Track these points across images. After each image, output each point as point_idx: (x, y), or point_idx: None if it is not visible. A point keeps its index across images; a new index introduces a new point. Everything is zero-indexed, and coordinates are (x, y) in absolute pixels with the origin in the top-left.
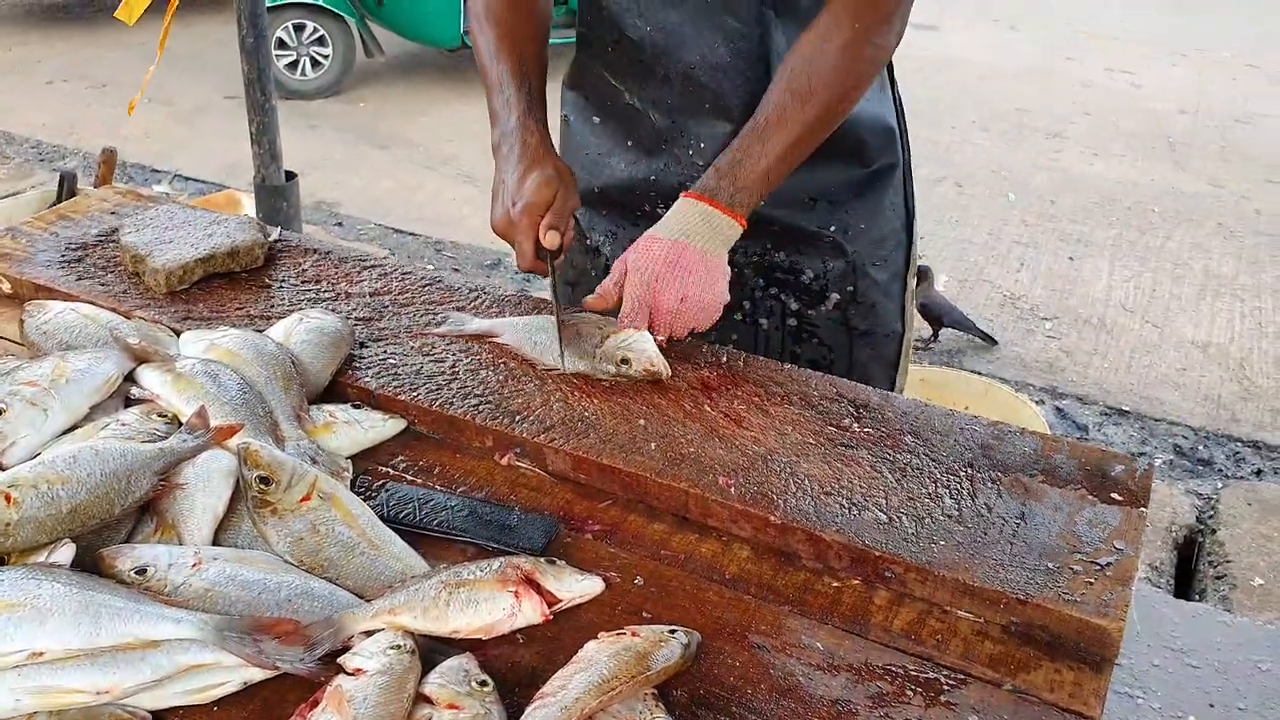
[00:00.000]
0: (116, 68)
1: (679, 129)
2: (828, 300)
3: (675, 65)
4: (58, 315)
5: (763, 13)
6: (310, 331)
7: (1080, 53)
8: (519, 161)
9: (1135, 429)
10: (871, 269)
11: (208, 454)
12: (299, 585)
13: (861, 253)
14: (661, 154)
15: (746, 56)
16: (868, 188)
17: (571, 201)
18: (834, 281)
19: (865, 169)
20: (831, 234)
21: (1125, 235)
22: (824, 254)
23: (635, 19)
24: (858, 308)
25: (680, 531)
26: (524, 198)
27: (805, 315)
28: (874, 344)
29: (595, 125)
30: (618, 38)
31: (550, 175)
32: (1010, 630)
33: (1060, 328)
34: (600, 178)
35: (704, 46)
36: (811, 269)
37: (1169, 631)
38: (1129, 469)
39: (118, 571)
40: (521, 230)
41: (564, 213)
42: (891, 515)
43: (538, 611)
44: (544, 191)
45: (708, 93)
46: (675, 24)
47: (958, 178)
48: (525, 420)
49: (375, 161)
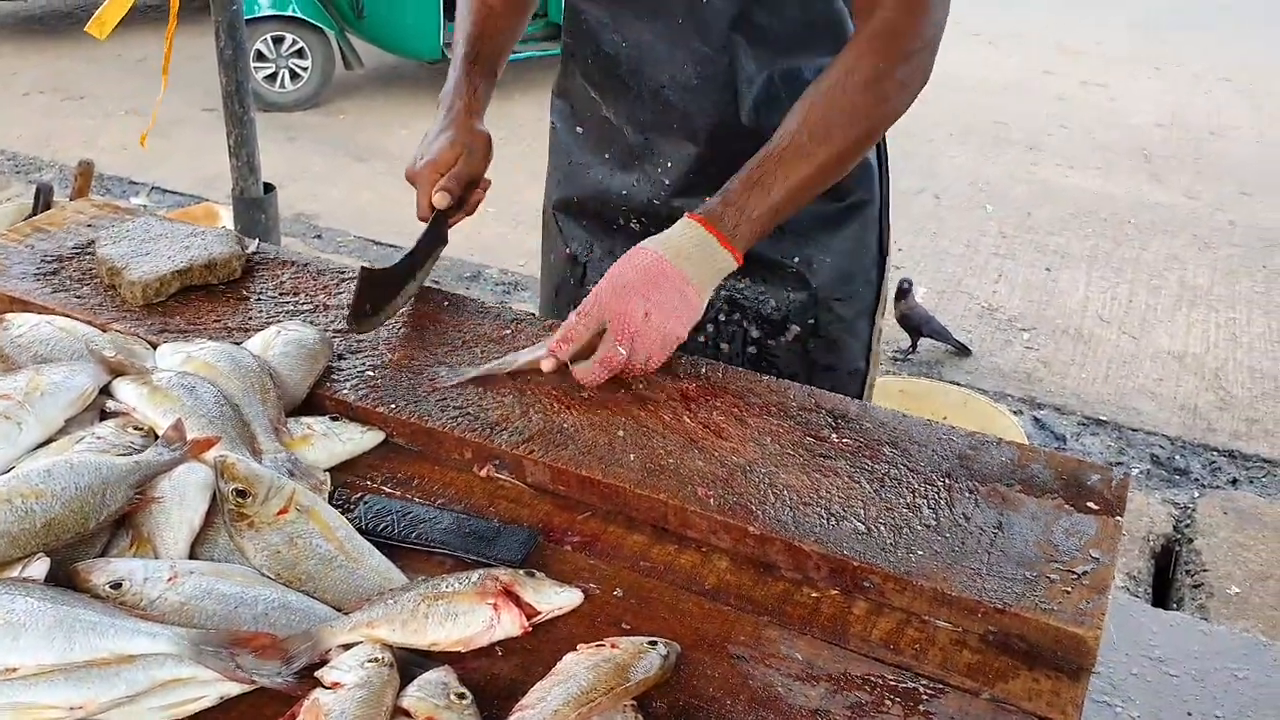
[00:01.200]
0: (93, 80)
1: (650, 146)
2: (788, 331)
3: (647, 83)
4: (32, 328)
5: (731, 38)
6: (288, 344)
7: (1056, 66)
8: (442, 120)
9: (1113, 439)
10: (835, 304)
11: (184, 467)
12: (276, 599)
13: (826, 287)
14: (633, 169)
15: (713, 80)
16: (838, 222)
17: (472, 168)
18: (795, 313)
19: (837, 203)
20: (795, 265)
21: (1102, 246)
22: (787, 285)
23: (611, 34)
24: (819, 341)
25: (659, 542)
26: (429, 154)
27: (765, 345)
28: (835, 380)
29: (577, 135)
30: (596, 51)
31: (460, 139)
32: (988, 639)
33: (1038, 338)
34: (579, 187)
35: (674, 67)
36: (774, 299)
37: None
38: (1105, 479)
39: (92, 586)
40: (422, 183)
41: (461, 177)
42: (870, 525)
43: (516, 624)
44: (448, 153)
45: (676, 112)
46: (648, 42)
47: (936, 189)
48: (504, 432)
49: (355, 173)
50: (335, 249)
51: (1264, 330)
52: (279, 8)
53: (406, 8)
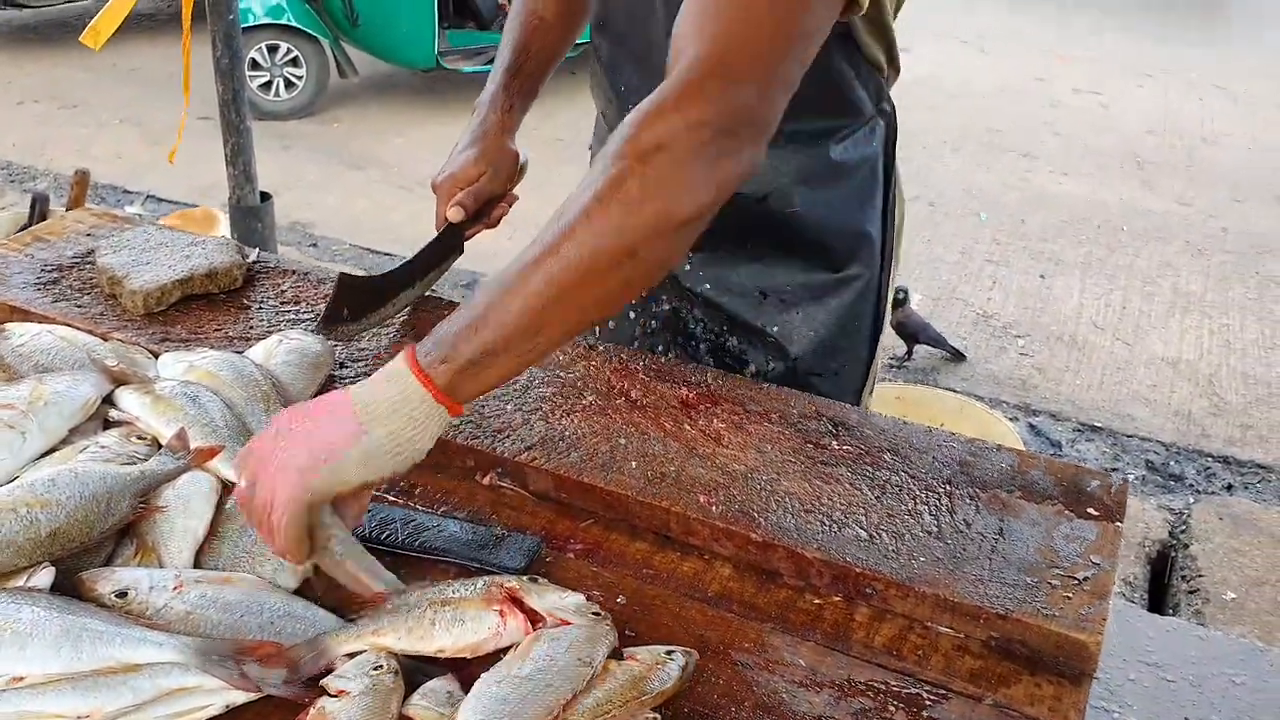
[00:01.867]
0: (87, 89)
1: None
2: None
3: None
4: (33, 338)
5: None
6: (290, 353)
7: (1049, 73)
8: (470, 134)
9: (1108, 445)
10: (814, 379)
11: (188, 476)
12: (281, 607)
13: (805, 359)
14: None
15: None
16: (829, 293)
17: (494, 186)
18: (774, 381)
19: (832, 273)
20: (774, 335)
21: (1095, 253)
22: (767, 352)
23: (617, 75)
24: None
25: (662, 550)
26: (452, 167)
27: None
28: None
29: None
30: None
31: (485, 156)
32: (990, 645)
33: (1032, 345)
34: None
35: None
36: (754, 363)
37: (1144, 646)
38: (1104, 484)
39: (98, 595)
40: (439, 194)
41: (480, 194)
42: (872, 532)
43: (522, 630)
44: (471, 169)
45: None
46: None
47: (930, 197)
48: (506, 439)
49: (350, 182)
50: (331, 257)
51: (1257, 336)
52: (274, 16)
53: (401, 16)
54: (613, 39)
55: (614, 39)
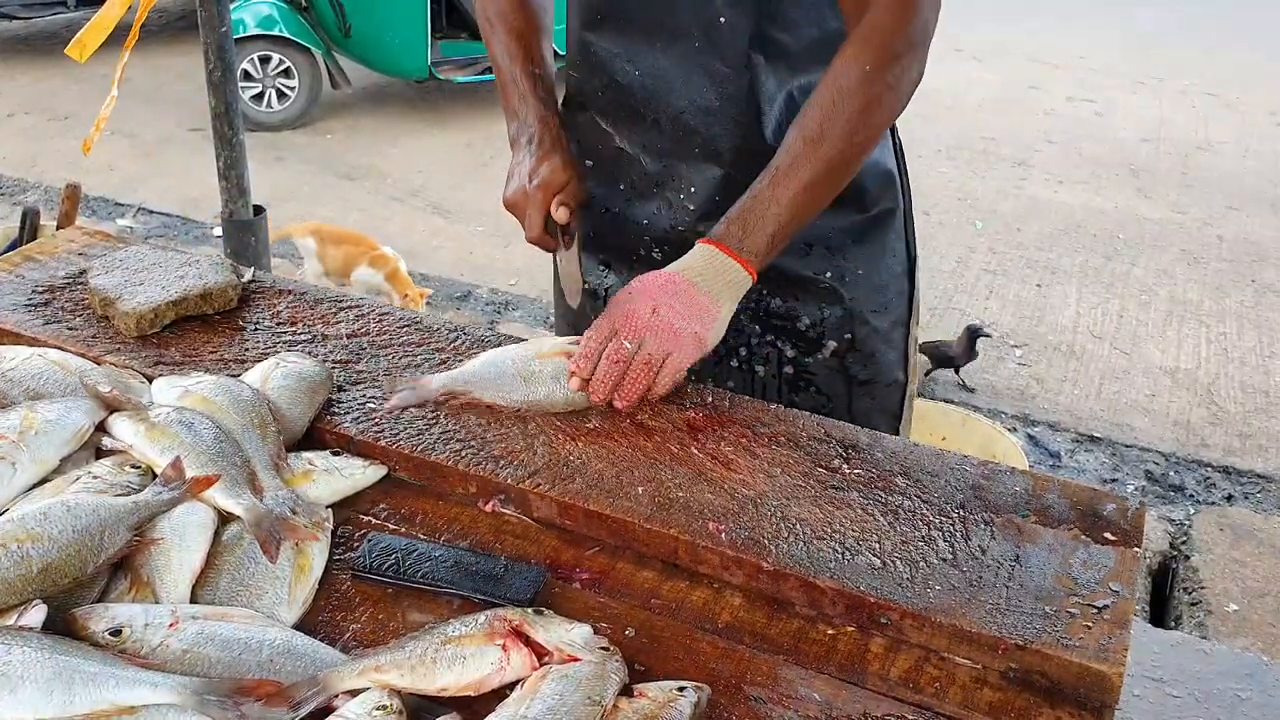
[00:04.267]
0: (79, 100)
1: (670, 172)
2: (824, 348)
3: (665, 110)
4: (24, 361)
5: (750, 57)
6: (288, 377)
7: (1042, 82)
8: (539, 148)
9: (1107, 455)
10: (871, 316)
11: (183, 507)
12: (281, 643)
13: (860, 299)
14: (654, 197)
15: (735, 100)
16: (866, 233)
17: (582, 189)
18: (831, 329)
19: (863, 214)
20: (828, 280)
21: (1091, 262)
22: (820, 300)
23: (625, 64)
24: (856, 355)
25: (670, 579)
26: (540, 176)
27: (802, 363)
28: (874, 393)
29: (587, 169)
30: (607, 83)
31: (567, 163)
32: (1009, 676)
33: (1030, 355)
34: (594, 221)
35: (693, 91)
36: (808, 316)
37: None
38: (1120, 508)
39: (91, 633)
40: (534, 203)
41: (574, 194)
42: (885, 559)
43: (527, 665)
44: (560, 174)
45: (697, 136)
46: (664, 69)
47: (925, 205)
48: (509, 465)
49: (344, 193)
50: None
51: (1255, 344)
52: (265, 27)
53: (394, 27)
54: (621, 29)
55: (622, 28)
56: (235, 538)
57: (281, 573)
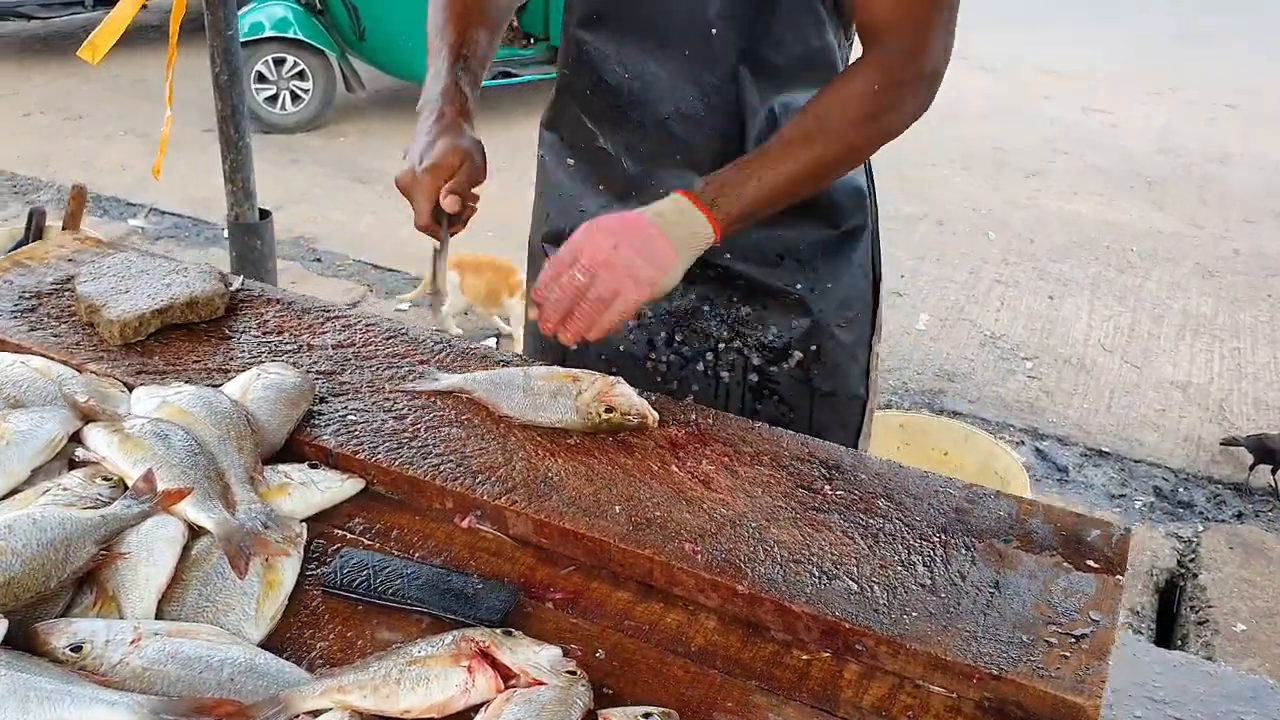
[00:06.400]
0: (93, 100)
1: (649, 176)
2: (790, 358)
3: (650, 114)
4: (7, 369)
5: (738, 69)
6: (268, 388)
7: (1056, 92)
8: (434, 126)
9: (1115, 470)
10: (837, 330)
11: (152, 521)
12: (243, 661)
13: (827, 312)
14: (630, 200)
15: (719, 110)
16: (836, 248)
17: (476, 174)
18: (798, 340)
19: (835, 230)
20: (798, 292)
21: (1104, 274)
22: (789, 312)
23: (615, 65)
24: (820, 368)
25: (645, 600)
26: (430, 159)
27: (767, 372)
28: (836, 407)
29: (569, 166)
30: (596, 82)
31: (460, 144)
32: (984, 706)
33: (1040, 367)
34: (572, 219)
35: (679, 98)
36: (776, 326)
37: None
38: (1105, 534)
39: (52, 648)
40: (422, 189)
41: (466, 181)
42: (863, 584)
43: (492, 687)
44: (451, 157)
45: (680, 144)
46: (653, 73)
47: (938, 216)
48: (487, 481)
49: (356, 196)
50: (334, 272)
51: (1269, 360)
52: (280, 29)
53: (408, 30)
54: (615, 30)
55: (616, 30)
56: (205, 552)
57: (250, 588)
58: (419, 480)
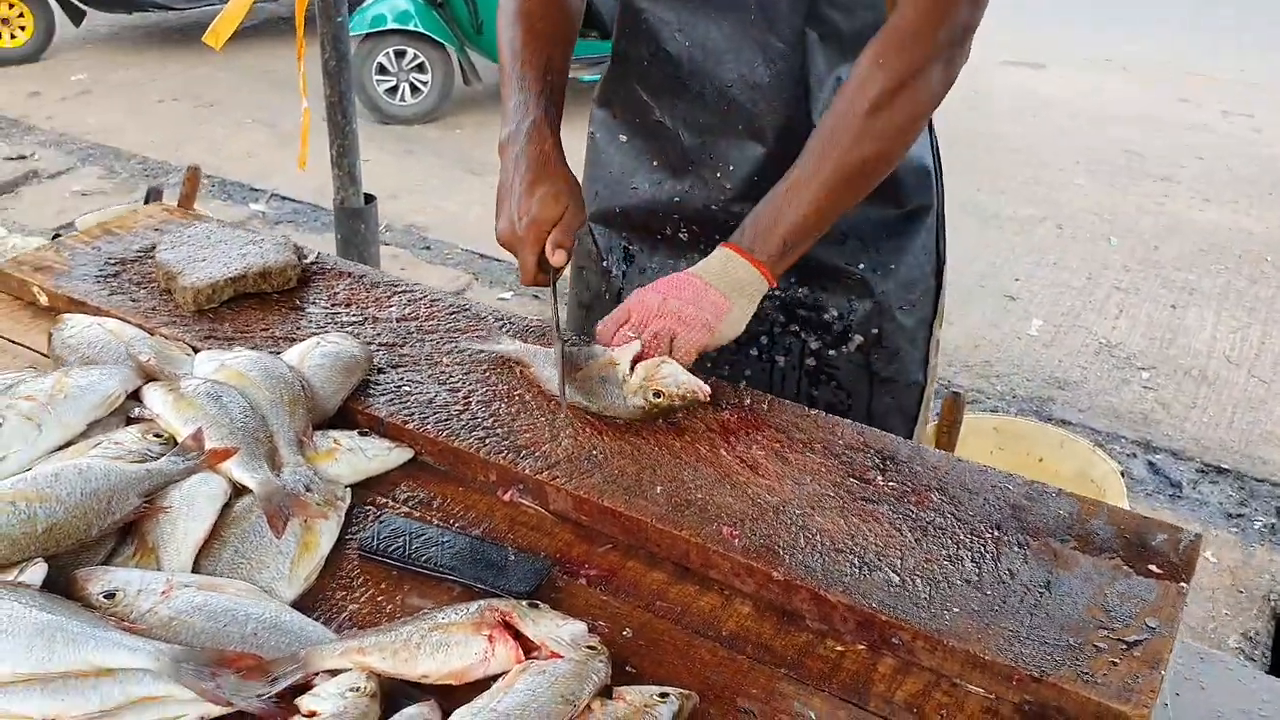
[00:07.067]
0: (225, 89)
1: (708, 149)
2: (850, 342)
3: (712, 82)
4: (84, 330)
5: (805, 33)
6: (325, 356)
7: (1195, 95)
8: (528, 170)
9: (1234, 488)
10: (899, 312)
11: (197, 477)
12: (269, 618)
13: (889, 294)
14: (688, 175)
15: (785, 77)
16: (900, 228)
17: (579, 217)
18: (858, 323)
19: (899, 209)
20: (860, 272)
21: (1234, 284)
22: (850, 293)
23: (675, 33)
24: (881, 352)
25: (680, 582)
26: (531, 212)
27: (825, 356)
28: (894, 393)
29: (621, 144)
30: (655, 51)
31: (560, 190)
32: (1023, 710)
33: (1158, 378)
34: (622, 198)
35: (743, 65)
36: (835, 308)
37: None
38: (1172, 539)
39: (87, 594)
40: (527, 245)
41: (570, 229)
42: (905, 577)
43: (512, 658)
44: (552, 207)
45: (742, 112)
46: (715, 40)
47: (1059, 219)
48: (530, 456)
49: (468, 187)
50: (442, 260)
51: None
52: (402, 22)
53: None
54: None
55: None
56: (245, 510)
57: (285, 548)
58: (464, 452)
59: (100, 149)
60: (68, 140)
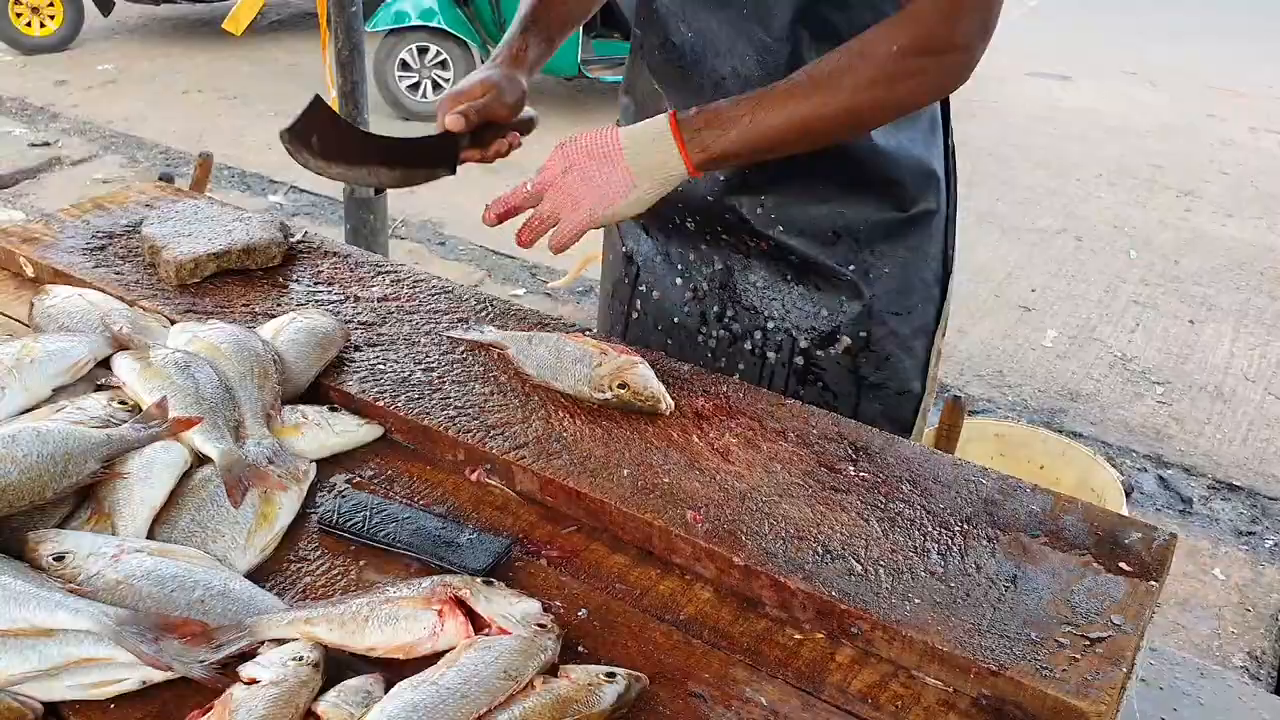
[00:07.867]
0: (249, 81)
1: None
2: (837, 343)
3: (709, 74)
4: (64, 300)
5: (795, 30)
6: (299, 331)
7: (1223, 110)
8: (484, 67)
9: (1246, 506)
10: (891, 318)
11: (157, 445)
12: (217, 585)
13: (880, 299)
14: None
15: (775, 72)
16: (900, 232)
17: (497, 109)
18: (847, 325)
19: (900, 212)
20: (849, 274)
21: (1254, 301)
22: (840, 293)
23: (680, 23)
24: (869, 356)
25: (641, 565)
26: (459, 86)
27: (813, 356)
28: (884, 400)
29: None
30: (663, 40)
31: (492, 80)
32: (980, 703)
33: (1172, 393)
34: None
35: (736, 58)
36: (826, 307)
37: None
38: (1145, 538)
39: (38, 555)
40: (442, 107)
41: (482, 111)
42: (868, 567)
43: (461, 634)
44: (476, 88)
45: None
46: (712, 30)
47: (1078, 230)
48: (499, 436)
49: (485, 184)
50: (456, 256)
51: None
52: (426, 19)
53: None
54: None
55: None
56: (203, 479)
57: (242, 518)
58: (433, 430)
59: (123, 138)
60: (92, 129)
